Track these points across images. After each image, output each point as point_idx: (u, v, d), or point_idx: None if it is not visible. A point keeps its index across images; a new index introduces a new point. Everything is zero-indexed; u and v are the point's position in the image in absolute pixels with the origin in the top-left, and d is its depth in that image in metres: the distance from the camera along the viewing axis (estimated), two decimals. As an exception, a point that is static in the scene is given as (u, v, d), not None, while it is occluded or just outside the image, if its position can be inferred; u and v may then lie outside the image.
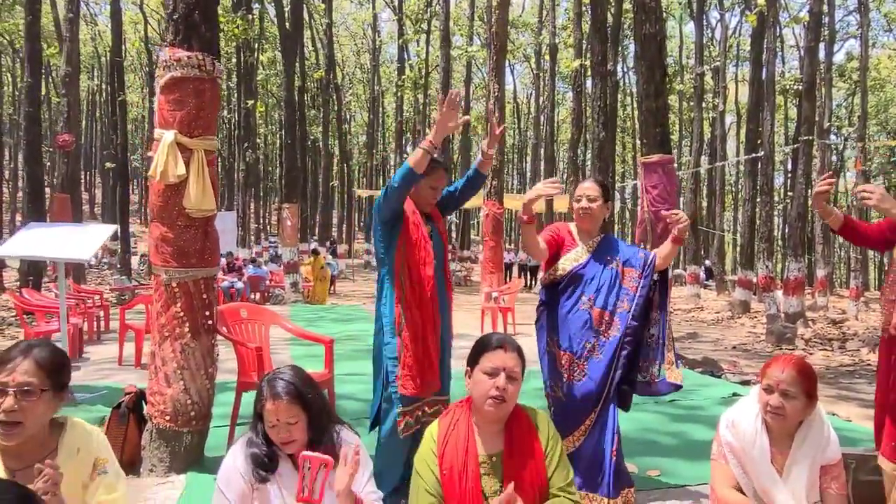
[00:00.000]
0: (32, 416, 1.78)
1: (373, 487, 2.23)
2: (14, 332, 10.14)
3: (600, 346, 3.15)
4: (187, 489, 3.32)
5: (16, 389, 1.75)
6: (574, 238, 3.31)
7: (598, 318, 3.17)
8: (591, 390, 3.13)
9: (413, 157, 2.87)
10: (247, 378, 3.82)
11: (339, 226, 39.52)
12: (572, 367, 3.17)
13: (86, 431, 1.99)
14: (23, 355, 1.80)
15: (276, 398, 2.07)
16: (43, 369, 1.80)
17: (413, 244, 3.05)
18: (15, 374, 1.76)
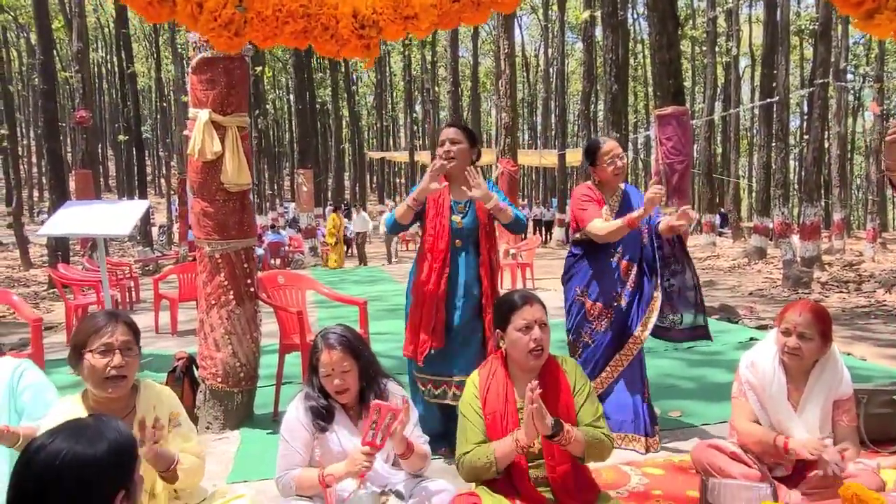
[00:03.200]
0: (132, 371, 2.05)
1: (419, 432, 2.46)
2: (48, 306, 10.53)
3: (626, 294, 3.39)
4: (242, 443, 3.60)
5: (121, 348, 1.99)
6: (601, 196, 3.49)
7: (625, 270, 3.41)
8: (617, 335, 3.40)
9: (399, 210, 3.24)
10: (288, 340, 4.06)
11: (351, 189, 39.59)
12: (601, 316, 3.42)
13: (157, 389, 2.23)
14: (113, 321, 2.04)
15: (330, 348, 2.29)
16: (132, 331, 2.06)
17: (429, 219, 3.24)
18: (116, 335, 2.01)
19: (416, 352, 3.20)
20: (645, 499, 2.80)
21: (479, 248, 3.26)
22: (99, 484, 1.20)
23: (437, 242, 3.19)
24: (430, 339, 3.15)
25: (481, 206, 3.22)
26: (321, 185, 26.15)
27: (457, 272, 3.22)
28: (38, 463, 1.17)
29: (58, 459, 1.17)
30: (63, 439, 1.21)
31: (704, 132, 21.39)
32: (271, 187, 30.54)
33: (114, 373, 2.00)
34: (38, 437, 1.24)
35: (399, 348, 5.67)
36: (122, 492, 1.22)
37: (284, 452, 2.33)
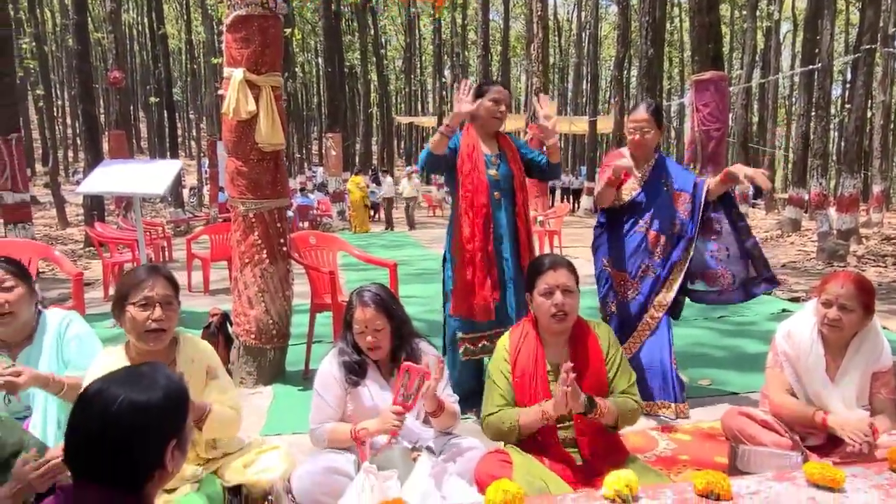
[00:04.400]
0: (171, 323, 2.10)
1: (450, 391, 2.50)
2: (85, 264, 10.80)
3: (654, 266, 3.35)
4: (275, 398, 3.69)
5: (161, 301, 2.04)
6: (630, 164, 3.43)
7: (653, 241, 3.36)
8: (643, 305, 3.39)
9: (432, 141, 3.19)
10: (319, 300, 4.11)
11: (379, 153, 39.53)
12: (626, 286, 3.40)
13: (196, 343, 2.28)
14: (153, 274, 2.09)
15: (364, 306, 2.33)
16: (172, 285, 2.11)
17: (465, 174, 3.23)
18: (156, 289, 2.06)
19: (473, 310, 3.21)
20: (672, 463, 2.82)
21: (514, 200, 3.30)
22: (154, 430, 1.22)
23: (478, 197, 3.19)
24: (489, 294, 3.18)
25: (514, 158, 3.31)
26: (349, 150, 26.12)
27: (499, 224, 3.25)
28: (96, 408, 1.20)
29: (114, 405, 1.19)
30: (119, 385, 1.23)
31: (741, 100, 20.77)
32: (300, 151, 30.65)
33: (153, 326, 2.05)
34: (96, 383, 1.26)
35: (428, 311, 5.78)
36: (174, 440, 1.25)
37: (318, 405, 2.39)
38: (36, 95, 28.40)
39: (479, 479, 2.22)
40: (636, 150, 3.41)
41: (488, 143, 3.30)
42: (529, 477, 2.15)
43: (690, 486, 1.67)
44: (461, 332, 3.31)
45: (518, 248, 3.32)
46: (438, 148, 3.15)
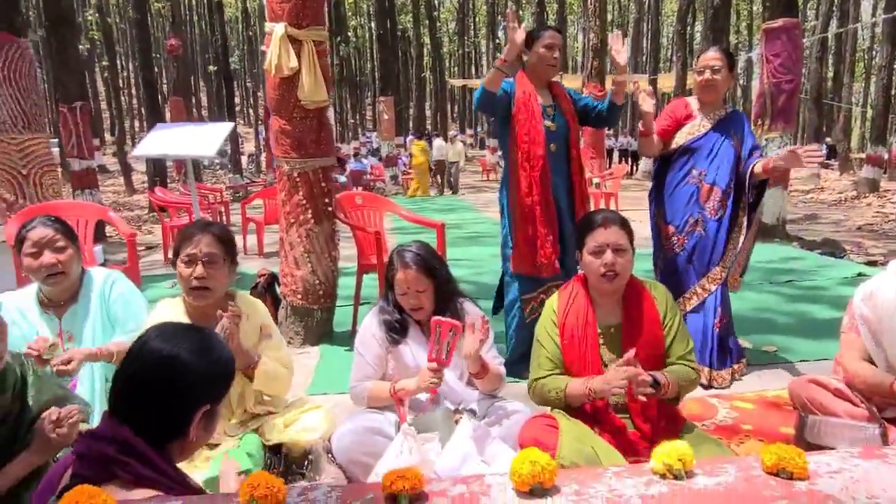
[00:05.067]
0: (216, 281, 2.06)
1: (495, 353, 2.41)
2: (149, 228, 11.19)
3: (704, 221, 3.14)
4: (322, 358, 3.69)
5: (203, 259, 2.00)
6: (693, 111, 3.23)
7: (705, 194, 3.15)
8: (692, 262, 3.18)
9: (487, 77, 3.01)
10: (366, 261, 4.07)
11: (432, 117, 39.25)
12: (672, 240, 3.22)
13: (251, 301, 2.27)
14: (202, 231, 2.06)
15: (406, 267, 2.24)
16: (220, 242, 2.07)
17: (521, 124, 3.07)
18: (200, 245, 2.03)
19: (536, 266, 3.12)
20: (733, 433, 2.65)
21: (569, 152, 3.18)
22: (190, 390, 1.23)
23: (534, 148, 3.06)
24: (553, 248, 3.09)
25: (569, 109, 3.17)
26: (402, 114, 26.01)
27: (555, 178, 3.14)
28: (146, 357, 1.22)
29: (163, 359, 1.21)
30: (169, 340, 1.25)
31: (816, 52, 19.45)
32: (353, 116, 30.74)
33: (195, 283, 2.02)
34: (153, 330, 1.29)
35: (478, 274, 5.69)
36: (205, 408, 1.24)
37: (358, 364, 2.35)
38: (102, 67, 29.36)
39: (524, 444, 2.12)
40: (704, 94, 3.19)
41: (542, 92, 3.15)
42: (577, 443, 2.04)
43: (757, 462, 1.39)
44: (524, 293, 3.21)
45: (573, 203, 3.20)
46: (493, 84, 2.98)
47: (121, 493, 1.13)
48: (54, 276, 2.32)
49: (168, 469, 1.20)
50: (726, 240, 3.17)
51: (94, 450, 1.16)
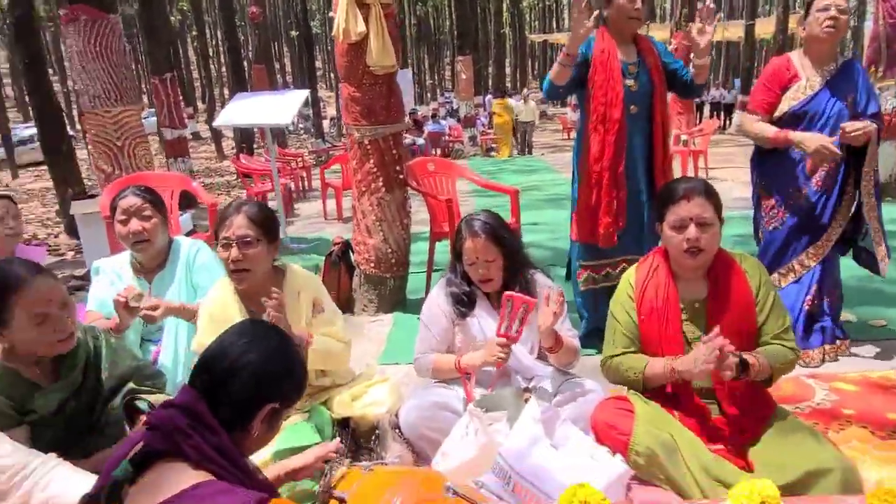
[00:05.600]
0: (254, 262, 2.04)
1: (569, 325, 2.30)
2: (237, 193, 11.65)
3: (809, 195, 2.84)
4: (395, 326, 3.69)
5: (237, 241, 2.00)
6: (797, 71, 2.86)
7: (811, 167, 2.84)
8: (792, 237, 2.91)
9: (553, 71, 2.86)
10: (438, 228, 4.01)
11: (512, 75, 38.38)
12: (773, 213, 2.95)
13: (303, 276, 2.24)
14: (235, 213, 2.05)
15: (474, 236, 2.16)
16: (253, 222, 2.04)
17: (598, 85, 2.88)
18: (233, 228, 2.02)
19: (593, 235, 2.99)
20: (832, 418, 2.43)
21: (652, 114, 2.93)
22: (260, 387, 1.25)
23: (611, 111, 2.85)
24: (613, 220, 2.92)
25: (655, 66, 2.91)
26: (481, 73, 25.51)
27: (633, 142, 2.93)
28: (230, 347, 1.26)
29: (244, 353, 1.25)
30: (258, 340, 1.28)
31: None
32: (432, 76, 30.52)
33: (232, 266, 2.02)
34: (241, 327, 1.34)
35: (555, 239, 5.52)
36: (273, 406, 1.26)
37: (423, 337, 2.31)
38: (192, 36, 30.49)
39: (596, 428, 2.02)
40: (822, 43, 2.76)
41: (625, 48, 2.91)
42: (654, 429, 1.92)
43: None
44: (583, 259, 3.09)
45: (654, 169, 2.98)
46: (559, 78, 2.83)
47: (186, 472, 1.13)
48: (140, 242, 2.46)
49: (233, 452, 1.20)
50: (832, 214, 2.84)
51: (166, 419, 1.17)
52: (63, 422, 1.74)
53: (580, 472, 1.74)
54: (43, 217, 10.72)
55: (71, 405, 1.76)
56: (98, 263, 2.68)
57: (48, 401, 1.71)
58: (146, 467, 1.14)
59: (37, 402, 1.69)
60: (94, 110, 6.08)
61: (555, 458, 1.79)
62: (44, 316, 1.64)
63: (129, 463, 1.13)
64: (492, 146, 16.05)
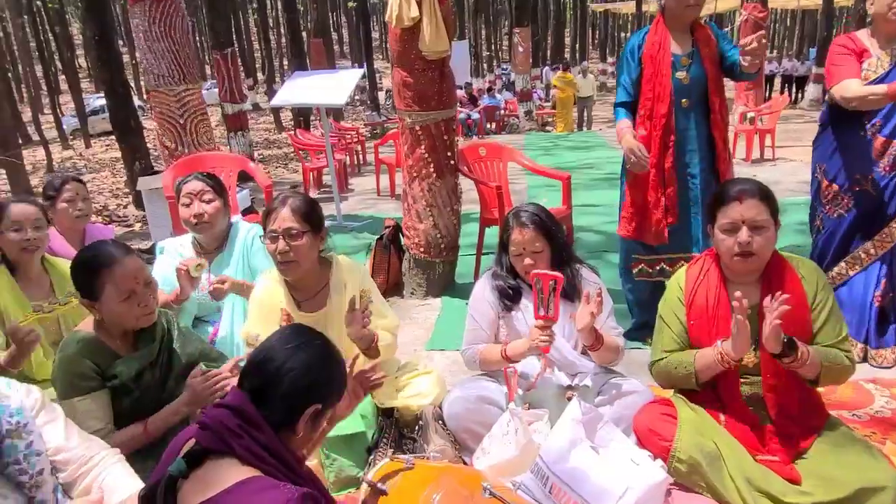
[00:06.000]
0: (300, 254, 2.09)
1: (613, 323, 2.28)
2: (294, 166, 11.88)
3: (878, 178, 2.69)
4: (443, 310, 3.73)
5: (283, 234, 2.06)
6: (867, 47, 2.70)
7: (879, 149, 2.69)
8: (857, 225, 2.79)
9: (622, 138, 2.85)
10: (489, 214, 4.01)
11: (571, 46, 37.39)
12: (836, 200, 2.83)
13: (350, 267, 2.29)
14: (281, 206, 2.10)
15: (522, 226, 2.18)
16: (298, 215, 2.09)
17: (646, 79, 2.82)
18: (279, 221, 2.07)
19: (640, 232, 2.94)
20: (892, 427, 2.33)
21: (707, 106, 2.83)
22: (307, 389, 1.30)
23: (657, 105, 2.79)
24: (662, 216, 2.86)
25: (710, 56, 2.79)
26: (539, 44, 24.99)
27: (686, 136, 2.83)
28: (279, 350, 1.32)
29: (292, 356, 1.31)
30: (305, 345, 1.34)
31: None
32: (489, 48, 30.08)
33: (279, 258, 2.08)
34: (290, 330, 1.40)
35: (607, 222, 5.41)
36: (317, 407, 1.31)
37: (470, 328, 2.33)
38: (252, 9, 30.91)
39: (638, 432, 2.02)
40: (887, 24, 2.62)
41: (680, 38, 2.81)
42: (698, 437, 1.90)
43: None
44: (636, 253, 3.04)
45: (711, 163, 2.87)
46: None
47: (235, 468, 1.19)
48: (201, 224, 2.60)
49: (280, 450, 1.26)
50: None
51: (218, 420, 1.23)
52: (139, 391, 1.89)
53: (619, 476, 1.75)
54: (113, 187, 11.23)
55: (146, 376, 1.90)
56: (163, 243, 2.82)
57: (128, 368, 1.86)
58: (199, 463, 1.21)
59: (117, 368, 1.85)
60: (158, 89, 6.29)
61: (594, 461, 1.79)
62: (130, 292, 1.80)
63: (182, 460, 1.20)
64: (547, 121, 15.76)
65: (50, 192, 3.03)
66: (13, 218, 2.35)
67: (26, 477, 1.35)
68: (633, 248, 3.05)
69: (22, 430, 1.37)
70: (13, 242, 2.35)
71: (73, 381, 1.80)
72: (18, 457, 1.35)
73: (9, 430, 1.34)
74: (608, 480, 1.73)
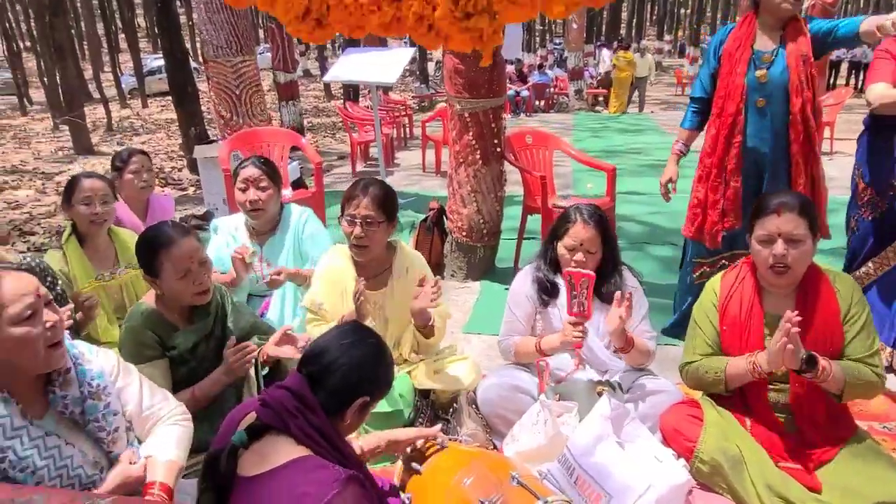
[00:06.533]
0: (373, 240, 2.26)
1: (647, 327, 2.32)
2: (342, 136, 12.04)
3: None
4: (481, 294, 3.83)
5: (361, 220, 2.21)
6: None
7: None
8: (884, 234, 2.76)
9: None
10: (532, 202, 4.05)
11: (628, 22, 36.36)
12: (870, 204, 2.80)
13: (412, 255, 2.45)
14: (363, 194, 2.24)
15: (586, 223, 2.22)
16: (378, 205, 2.24)
17: (721, 77, 2.77)
18: (360, 208, 2.22)
19: (701, 232, 2.89)
20: (921, 442, 2.34)
21: (787, 106, 2.67)
22: (359, 382, 1.43)
23: (727, 103, 2.72)
24: (719, 219, 2.81)
25: (795, 52, 2.61)
26: (595, 20, 24.37)
27: (760, 137, 2.72)
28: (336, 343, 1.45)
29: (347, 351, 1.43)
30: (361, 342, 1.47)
31: None
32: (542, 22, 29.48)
33: (355, 241, 2.21)
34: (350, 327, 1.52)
35: (651, 213, 5.39)
36: (365, 399, 1.44)
37: (508, 319, 2.42)
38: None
39: (664, 430, 2.09)
40: None
41: (769, 35, 2.68)
42: (723, 440, 1.96)
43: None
44: (696, 255, 2.99)
45: (787, 166, 2.73)
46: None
47: (290, 446, 1.33)
48: (256, 210, 2.75)
49: (331, 433, 1.38)
50: None
51: (278, 400, 1.36)
52: (195, 361, 2.06)
53: (643, 473, 1.83)
54: (168, 150, 11.59)
55: (201, 347, 2.07)
56: (217, 222, 2.98)
57: (185, 340, 2.02)
58: (258, 437, 1.34)
59: (176, 339, 2.01)
60: (216, 59, 6.47)
61: (619, 456, 1.87)
62: (186, 271, 1.95)
63: (244, 432, 1.34)
64: (597, 100, 15.48)
65: (118, 164, 3.23)
66: (84, 192, 2.53)
67: (104, 434, 1.50)
68: (697, 251, 2.98)
69: (101, 392, 1.52)
70: (83, 215, 2.53)
71: (137, 349, 1.97)
72: (98, 416, 1.50)
73: (90, 392, 1.49)
74: (632, 477, 1.82)
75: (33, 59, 30.32)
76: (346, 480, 1.23)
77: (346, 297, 2.30)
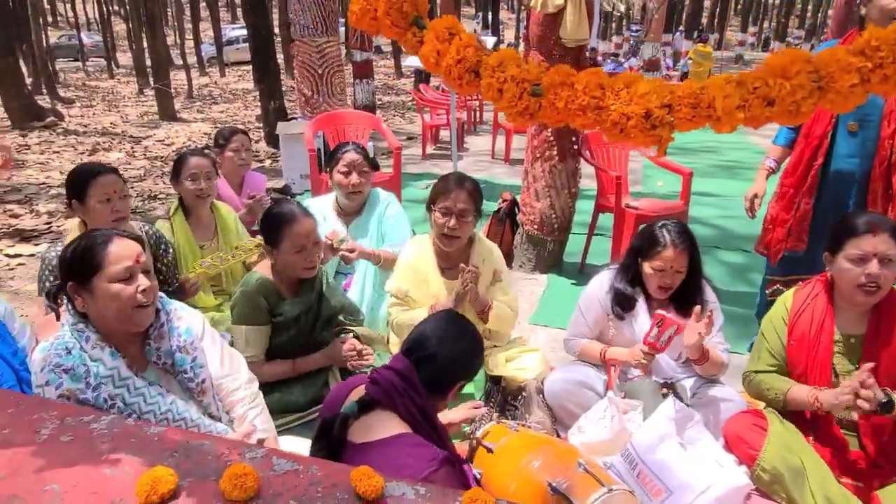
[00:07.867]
0: (464, 231, 2.41)
1: (721, 339, 2.36)
2: (411, 116, 12.21)
3: None
4: (548, 287, 3.93)
5: (456, 213, 2.36)
6: None
7: None
8: None
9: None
10: (604, 201, 4.11)
11: (711, 10, 35.02)
12: None
13: (489, 247, 2.59)
14: (458, 187, 2.38)
15: (676, 247, 2.21)
16: (472, 198, 2.39)
17: None
18: (456, 202, 2.37)
19: (768, 249, 2.89)
20: None
21: (878, 131, 2.61)
22: (463, 369, 1.61)
23: (815, 126, 2.68)
24: (784, 238, 2.79)
25: None
26: (676, 7, 23.60)
27: (847, 161, 2.67)
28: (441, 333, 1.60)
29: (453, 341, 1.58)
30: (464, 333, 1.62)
31: None
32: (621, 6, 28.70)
33: (447, 232, 2.36)
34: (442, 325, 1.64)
35: (724, 216, 5.33)
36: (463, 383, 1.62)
37: (576, 321, 2.50)
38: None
39: (728, 436, 2.15)
40: None
41: None
42: (785, 452, 2.02)
43: None
44: (770, 273, 2.97)
45: (866, 194, 2.67)
46: None
47: (395, 421, 1.48)
48: (355, 193, 2.97)
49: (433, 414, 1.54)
50: None
51: (387, 379, 1.52)
52: (295, 330, 2.29)
53: (703, 474, 1.93)
54: (245, 120, 12.04)
55: (302, 319, 2.30)
56: (307, 203, 3.18)
57: (291, 309, 2.25)
58: (367, 410, 1.51)
59: (283, 307, 2.24)
60: (302, 39, 6.71)
61: (681, 456, 1.97)
62: (301, 247, 2.18)
63: (356, 404, 1.51)
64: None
65: (220, 141, 3.48)
66: (191, 169, 2.77)
67: (193, 384, 1.68)
68: (771, 269, 2.96)
69: (189, 346, 1.68)
70: (189, 190, 2.78)
71: (248, 311, 2.20)
72: (186, 367, 1.67)
73: (179, 346, 1.66)
74: (692, 475, 1.91)
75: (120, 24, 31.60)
76: (442, 460, 1.37)
77: (427, 284, 2.46)
